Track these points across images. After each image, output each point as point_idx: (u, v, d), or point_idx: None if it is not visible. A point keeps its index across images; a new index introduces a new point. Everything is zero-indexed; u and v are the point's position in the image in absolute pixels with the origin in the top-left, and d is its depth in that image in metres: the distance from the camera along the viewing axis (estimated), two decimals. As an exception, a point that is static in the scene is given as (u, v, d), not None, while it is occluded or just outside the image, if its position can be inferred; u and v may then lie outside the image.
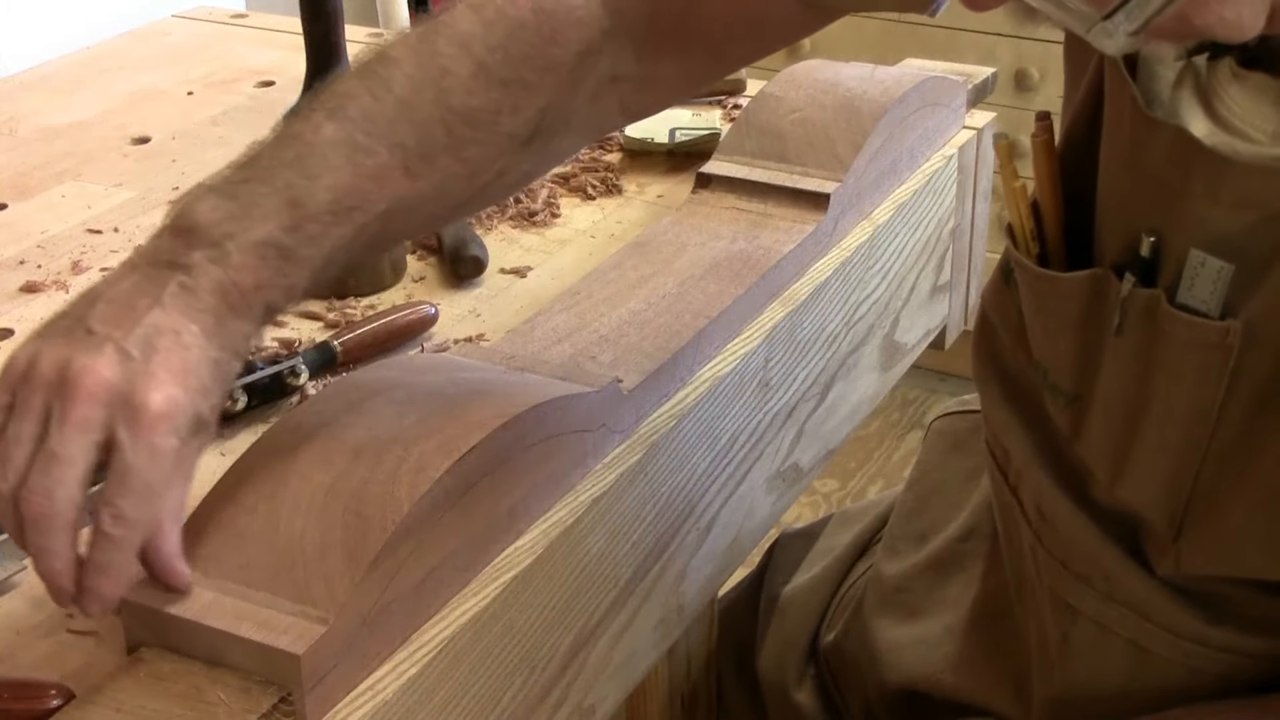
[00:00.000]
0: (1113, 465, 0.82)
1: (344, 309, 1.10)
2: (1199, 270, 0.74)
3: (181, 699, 0.70)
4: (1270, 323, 0.72)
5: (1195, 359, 0.75)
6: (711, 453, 0.99)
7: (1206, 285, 0.74)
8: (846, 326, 1.14)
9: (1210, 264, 0.74)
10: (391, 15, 2.47)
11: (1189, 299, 0.75)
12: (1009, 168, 0.84)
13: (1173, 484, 0.78)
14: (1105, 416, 0.82)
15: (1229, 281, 0.73)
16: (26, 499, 0.69)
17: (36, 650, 0.77)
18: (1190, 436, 0.77)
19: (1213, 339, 0.74)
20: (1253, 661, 0.82)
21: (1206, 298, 0.74)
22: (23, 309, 1.10)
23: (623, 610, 0.91)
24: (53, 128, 1.43)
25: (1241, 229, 0.72)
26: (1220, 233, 0.73)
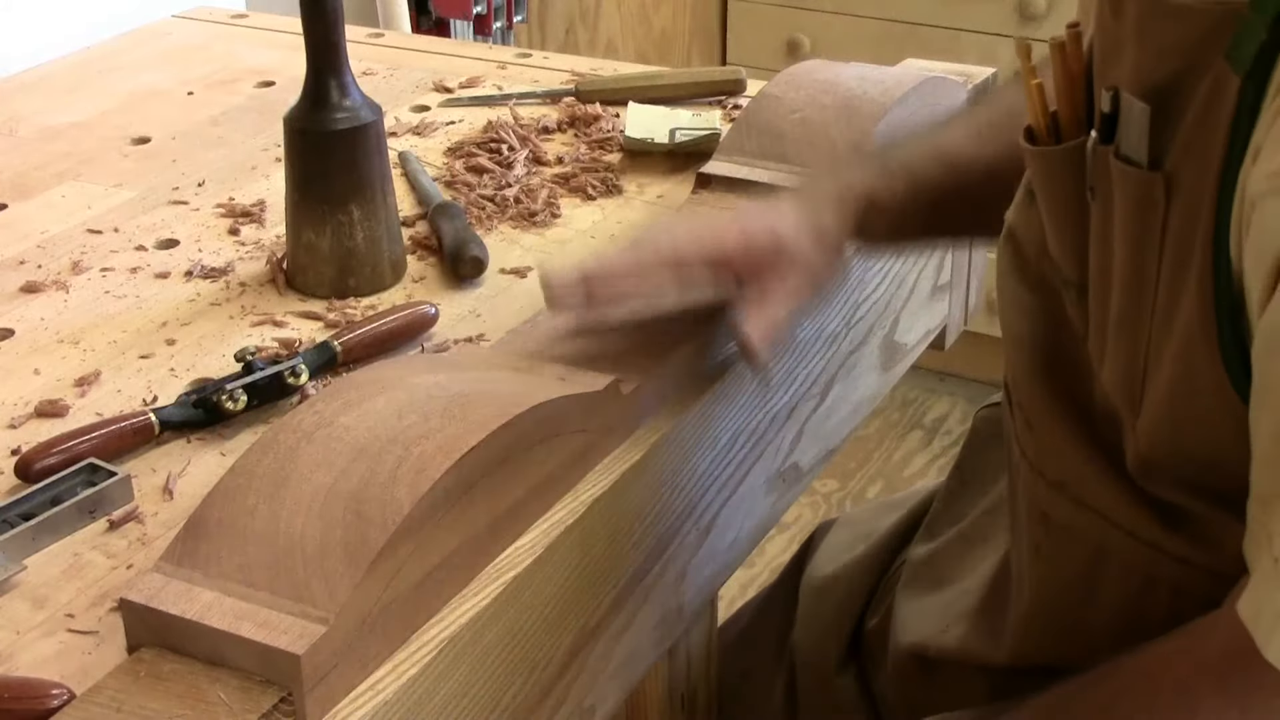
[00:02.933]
0: (1099, 356, 0.85)
1: (344, 309, 1.10)
2: (1130, 115, 0.78)
3: (181, 699, 0.70)
4: (1184, 171, 0.75)
5: (1136, 216, 0.78)
6: (711, 453, 0.99)
7: (1135, 130, 0.78)
8: (846, 326, 1.14)
9: (1136, 107, 0.78)
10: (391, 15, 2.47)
11: (1127, 149, 0.79)
12: (1028, 66, 0.88)
13: (1130, 360, 0.81)
14: (1094, 299, 0.85)
15: (1147, 124, 0.77)
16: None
17: (36, 650, 0.77)
18: (1139, 306, 0.80)
19: (1144, 191, 0.77)
20: (1203, 575, 0.84)
21: (1136, 144, 0.78)
22: (23, 309, 1.10)
23: (623, 610, 0.91)
24: (53, 128, 1.43)
25: (1164, 75, 0.76)
26: (1149, 78, 0.77)
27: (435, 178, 1.29)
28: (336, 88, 1.09)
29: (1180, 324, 0.77)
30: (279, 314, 1.09)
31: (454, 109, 1.45)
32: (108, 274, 1.15)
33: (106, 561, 0.84)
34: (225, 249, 1.19)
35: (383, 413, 0.80)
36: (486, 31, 2.77)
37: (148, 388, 1.00)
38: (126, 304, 1.11)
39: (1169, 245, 0.76)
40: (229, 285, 1.13)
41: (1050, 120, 0.87)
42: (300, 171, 1.11)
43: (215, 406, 0.95)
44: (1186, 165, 0.75)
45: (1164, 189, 0.76)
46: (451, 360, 0.96)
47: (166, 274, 1.15)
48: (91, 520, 0.87)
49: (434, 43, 1.75)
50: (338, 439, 0.79)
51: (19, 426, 0.96)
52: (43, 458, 0.90)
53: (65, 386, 1.00)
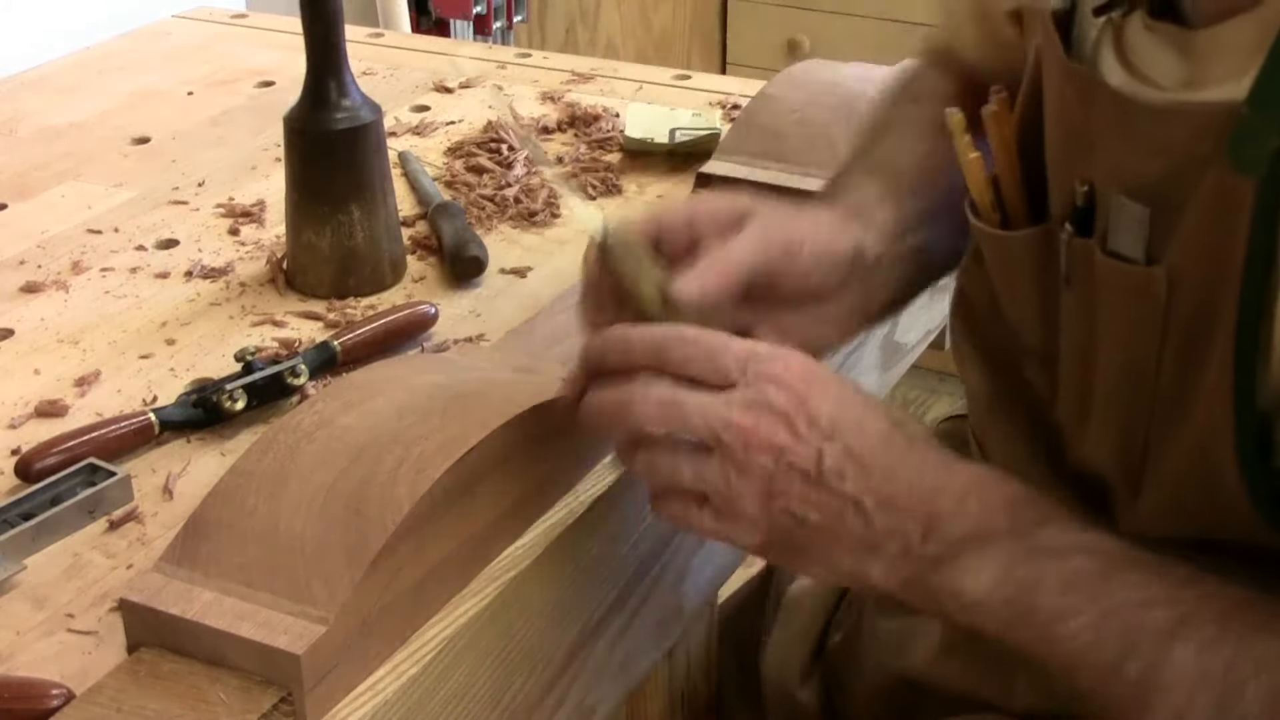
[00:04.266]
0: (1078, 424, 0.83)
1: (344, 309, 1.10)
2: (1121, 215, 0.76)
3: (181, 699, 0.70)
4: (1189, 268, 0.73)
5: (1130, 307, 0.76)
6: (711, 453, 0.99)
7: (1129, 230, 0.76)
8: (846, 326, 1.14)
9: (1130, 208, 0.75)
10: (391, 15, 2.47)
11: (1117, 245, 0.76)
12: (963, 140, 0.86)
13: (1126, 440, 0.79)
14: (1068, 373, 0.84)
15: (1147, 226, 0.75)
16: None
17: (36, 650, 0.77)
18: (1136, 389, 0.78)
19: (1141, 285, 0.75)
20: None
21: (1132, 243, 0.76)
22: (23, 309, 1.10)
23: (623, 610, 0.91)
24: (53, 128, 1.43)
25: (1156, 174, 0.73)
26: (1137, 178, 0.75)
27: (435, 178, 1.29)
28: (336, 88, 1.09)
29: (1194, 424, 0.74)
30: (279, 314, 1.09)
31: (454, 109, 1.45)
32: (108, 274, 1.15)
33: (106, 561, 0.84)
34: (225, 249, 1.19)
35: (383, 413, 0.80)
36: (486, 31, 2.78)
37: (148, 388, 1.00)
38: (126, 304, 1.11)
39: (1173, 336, 0.74)
40: (229, 285, 1.13)
41: (993, 190, 0.85)
42: (300, 171, 1.11)
43: (215, 406, 0.95)
44: (1194, 266, 0.72)
45: (1166, 284, 0.73)
46: (451, 360, 0.96)
47: (166, 274, 1.15)
48: (91, 520, 0.87)
49: (434, 43, 1.75)
50: (338, 439, 0.79)
51: (19, 426, 0.96)
52: (43, 458, 0.90)
53: (65, 386, 1.00)
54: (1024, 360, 0.89)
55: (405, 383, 0.84)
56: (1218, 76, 0.70)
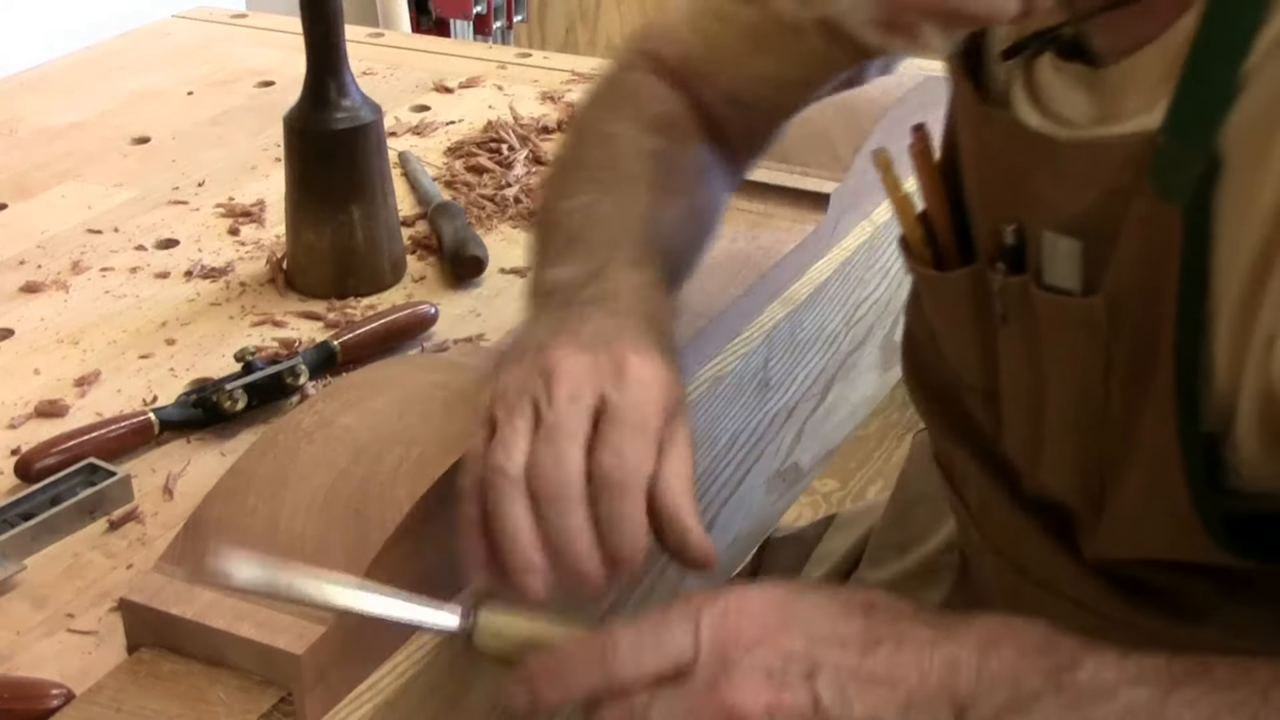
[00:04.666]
0: (1029, 455, 0.83)
1: (344, 309, 1.10)
2: (1054, 251, 0.76)
3: (181, 699, 0.70)
4: (1126, 296, 0.72)
5: (1072, 338, 0.76)
6: (711, 453, 0.99)
7: (1063, 264, 0.75)
8: (846, 326, 1.15)
9: (1061, 243, 0.75)
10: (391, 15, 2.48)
11: (1053, 279, 0.76)
12: (890, 179, 0.85)
13: (1083, 468, 0.79)
14: (1014, 407, 0.83)
15: (1080, 258, 0.74)
16: (537, 475, 0.68)
17: (36, 650, 0.77)
18: (1087, 418, 0.78)
19: (1081, 315, 0.75)
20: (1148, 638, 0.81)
21: (1067, 276, 0.75)
22: (22, 309, 1.10)
23: (623, 610, 0.91)
24: (53, 128, 1.43)
25: (1083, 208, 0.73)
26: (1065, 214, 0.74)
27: (435, 178, 1.29)
28: (336, 88, 1.09)
29: (1145, 449, 0.74)
30: (279, 314, 1.09)
31: (454, 109, 1.45)
32: (108, 274, 1.15)
33: (106, 561, 0.84)
34: (225, 249, 1.19)
35: (383, 413, 0.80)
36: (486, 31, 2.78)
37: (148, 388, 1.00)
38: (126, 304, 1.11)
39: (1117, 363, 0.74)
40: (229, 285, 1.13)
41: (923, 228, 0.85)
42: (300, 171, 1.11)
43: (215, 406, 0.94)
44: (1131, 293, 0.72)
45: (1105, 312, 0.73)
46: (451, 360, 0.96)
47: (166, 274, 1.15)
48: (91, 520, 0.87)
49: (434, 43, 1.75)
50: (338, 439, 0.79)
51: (19, 426, 0.96)
52: (43, 458, 0.90)
53: (65, 386, 1.00)
54: (967, 396, 0.89)
55: (405, 383, 0.84)
56: (1132, 109, 0.70)
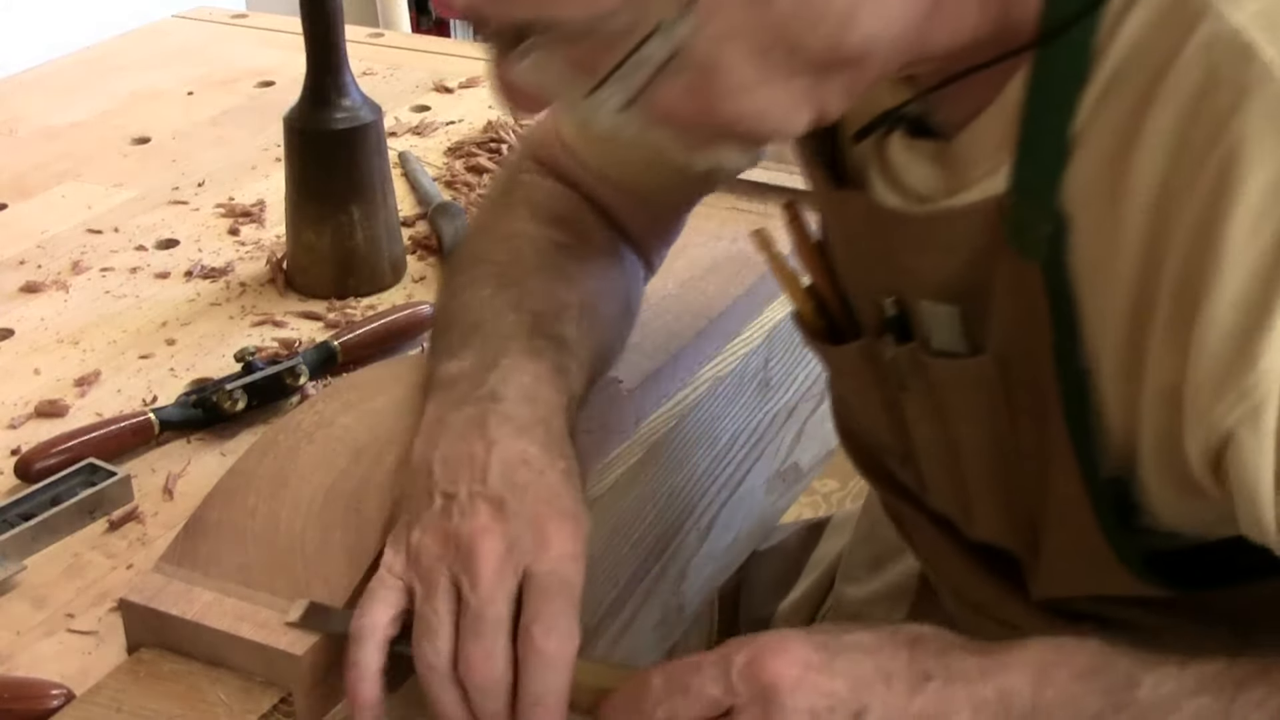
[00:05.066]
0: (959, 509, 0.83)
1: (344, 309, 1.10)
2: (934, 318, 0.76)
3: (181, 699, 0.70)
4: (1010, 351, 0.73)
5: (972, 398, 0.76)
6: (711, 453, 0.99)
7: (946, 330, 0.76)
8: (846, 326, 1.14)
9: (939, 310, 0.76)
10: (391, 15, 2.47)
11: (940, 344, 0.76)
12: (773, 256, 0.85)
13: (1011, 516, 0.79)
14: (932, 466, 0.83)
15: (959, 322, 0.75)
16: (468, 670, 0.68)
17: (36, 650, 0.77)
18: (1003, 470, 0.78)
19: (974, 376, 0.75)
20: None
21: (952, 340, 0.76)
22: (23, 309, 1.10)
23: (623, 610, 0.91)
24: (53, 128, 1.43)
25: (952, 276, 0.74)
26: (936, 283, 0.75)
27: (435, 178, 1.29)
28: (336, 88, 1.09)
29: (1057, 495, 0.75)
30: (279, 314, 1.09)
31: (454, 109, 1.45)
32: (108, 274, 1.15)
33: (106, 561, 0.84)
34: (225, 249, 1.19)
35: (383, 413, 0.80)
36: (486, 31, 2.77)
37: (148, 388, 1.00)
38: (126, 304, 1.11)
39: (1019, 414, 0.74)
40: (229, 285, 1.13)
41: (814, 301, 0.85)
42: (300, 171, 1.11)
43: (215, 406, 0.94)
44: (1014, 348, 0.72)
45: (995, 368, 0.74)
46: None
47: (166, 274, 1.15)
48: (91, 520, 0.87)
49: (434, 43, 1.75)
50: (338, 439, 0.79)
51: (19, 426, 0.96)
52: (43, 458, 0.90)
53: (65, 386, 1.00)
54: (887, 459, 0.89)
55: (405, 383, 0.84)
56: (978, 176, 0.70)
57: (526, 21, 0.62)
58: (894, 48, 0.66)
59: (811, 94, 0.66)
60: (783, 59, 0.63)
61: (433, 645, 0.69)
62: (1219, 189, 0.61)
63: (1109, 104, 0.65)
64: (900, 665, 0.66)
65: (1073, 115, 0.66)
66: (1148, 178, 0.64)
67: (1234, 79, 0.60)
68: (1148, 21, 0.63)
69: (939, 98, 0.71)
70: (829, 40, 0.63)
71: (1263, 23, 0.60)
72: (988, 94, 0.69)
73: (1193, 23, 0.62)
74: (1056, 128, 0.66)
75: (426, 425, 0.77)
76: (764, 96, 0.64)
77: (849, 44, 0.64)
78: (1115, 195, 0.65)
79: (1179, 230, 0.63)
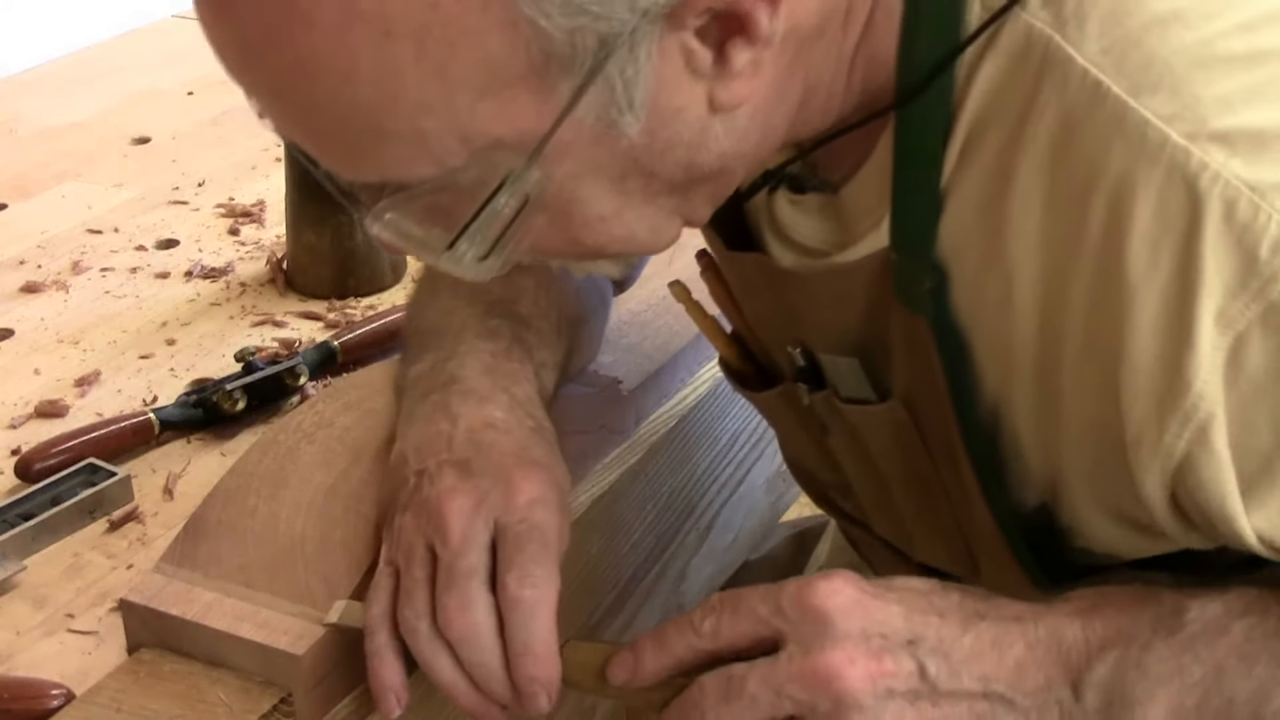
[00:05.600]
0: (901, 538, 0.84)
1: (344, 309, 1.10)
2: (838, 369, 0.77)
3: (181, 699, 0.70)
4: (914, 397, 0.73)
5: (890, 439, 0.76)
6: (711, 453, 0.99)
7: (851, 380, 0.76)
8: (846, 326, 1.14)
9: (840, 363, 0.76)
10: (391, 15, 2.47)
11: (849, 393, 0.77)
12: (693, 307, 0.85)
13: (949, 544, 0.80)
14: (867, 499, 0.84)
15: (862, 372, 0.75)
16: (446, 622, 0.68)
17: (36, 650, 0.77)
18: (929, 503, 0.78)
19: (887, 419, 0.75)
20: None
21: (859, 389, 0.76)
22: (23, 309, 1.10)
23: (623, 610, 0.91)
24: (53, 128, 1.43)
25: (848, 329, 0.74)
26: (835, 336, 0.75)
27: (435, 178, 1.29)
28: (336, 88, 1.09)
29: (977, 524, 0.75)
30: (279, 314, 1.09)
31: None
32: (108, 274, 1.15)
33: (106, 561, 0.84)
34: (225, 249, 1.19)
35: (383, 413, 0.80)
36: (486, 31, 2.77)
37: (148, 388, 1.00)
38: (126, 304, 1.11)
39: (935, 452, 0.74)
40: (229, 285, 1.13)
41: (739, 346, 0.85)
42: (300, 172, 1.11)
43: (215, 406, 0.94)
44: (917, 395, 0.73)
45: (906, 411, 0.74)
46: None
47: (166, 274, 1.15)
48: (91, 520, 0.87)
49: (434, 42, 1.74)
50: (338, 439, 0.79)
51: (19, 426, 0.96)
52: (43, 458, 0.90)
53: (65, 386, 1.00)
54: (830, 492, 0.89)
55: (405, 383, 0.84)
56: (864, 230, 0.71)
57: (379, 183, 0.62)
58: (757, 153, 0.66)
59: (677, 209, 0.66)
60: (640, 186, 0.63)
61: (412, 609, 0.69)
62: (1110, 226, 0.61)
63: (974, 156, 0.65)
64: (952, 604, 0.66)
65: (939, 170, 0.66)
66: (1028, 223, 0.64)
67: (1092, 120, 0.61)
68: (1000, 70, 0.63)
69: (822, 153, 0.71)
70: (683, 165, 0.63)
71: (1110, 58, 0.60)
72: (865, 148, 0.69)
73: (1042, 68, 0.62)
74: (925, 183, 0.66)
75: (399, 425, 0.78)
76: (628, 221, 0.64)
77: (704, 165, 0.63)
78: (994, 244, 0.65)
79: (1077, 272, 0.63)
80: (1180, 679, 0.64)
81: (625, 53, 0.57)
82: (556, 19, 0.55)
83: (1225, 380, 0.61)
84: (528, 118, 0.58)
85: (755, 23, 0.58)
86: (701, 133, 0.62)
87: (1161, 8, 0.61)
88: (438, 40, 0.55)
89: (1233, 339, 0.60)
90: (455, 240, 0.62)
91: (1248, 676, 0.64)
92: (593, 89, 0.57)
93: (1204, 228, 0.59)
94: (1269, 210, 0.58)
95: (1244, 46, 0.60)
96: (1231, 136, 0.59)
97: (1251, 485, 0.63)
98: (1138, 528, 0.69)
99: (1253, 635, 0.65)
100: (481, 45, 0.55)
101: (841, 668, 0.63)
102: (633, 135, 0.60)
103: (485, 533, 0.70)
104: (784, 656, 0.64)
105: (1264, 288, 0.59)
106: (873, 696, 0.63)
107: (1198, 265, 0.59)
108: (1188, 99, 0.59)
